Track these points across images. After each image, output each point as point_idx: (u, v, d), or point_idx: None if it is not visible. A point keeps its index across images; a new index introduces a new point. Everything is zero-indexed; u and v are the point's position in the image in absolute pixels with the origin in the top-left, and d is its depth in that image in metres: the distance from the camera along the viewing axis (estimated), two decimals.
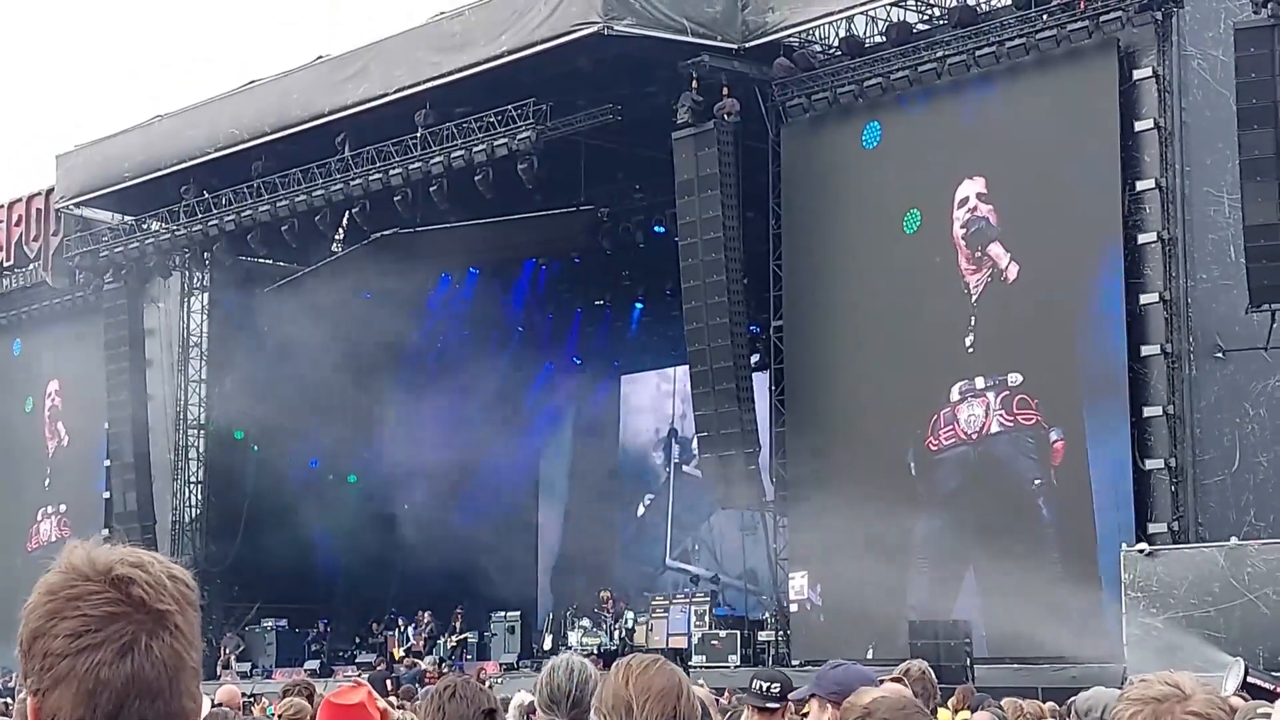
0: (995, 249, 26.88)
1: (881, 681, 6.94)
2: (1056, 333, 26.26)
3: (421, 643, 35.36)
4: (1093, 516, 25.33)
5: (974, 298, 27.11)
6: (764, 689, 7.06)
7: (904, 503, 26.67)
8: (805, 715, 6.68)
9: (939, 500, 27.04)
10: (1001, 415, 26.55)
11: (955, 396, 27.10)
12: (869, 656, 24.15)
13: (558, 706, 5.49)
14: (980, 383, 26.91)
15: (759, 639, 29.81)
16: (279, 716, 9.16)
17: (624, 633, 32.50)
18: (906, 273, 28.02)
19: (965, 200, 27.29)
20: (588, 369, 40.82)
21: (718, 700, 15.26)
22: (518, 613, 34.23)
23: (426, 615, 35.69)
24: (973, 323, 27.03)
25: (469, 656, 33.62)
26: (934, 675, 7.61)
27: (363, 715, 5.54)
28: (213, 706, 9.78)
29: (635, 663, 4.37)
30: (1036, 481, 26.12)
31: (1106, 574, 24.04)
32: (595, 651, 31.41)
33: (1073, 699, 7.57)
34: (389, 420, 38.09)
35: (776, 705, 7.01)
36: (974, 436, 26.82)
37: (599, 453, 41.72)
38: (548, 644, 33.03)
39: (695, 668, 27.67)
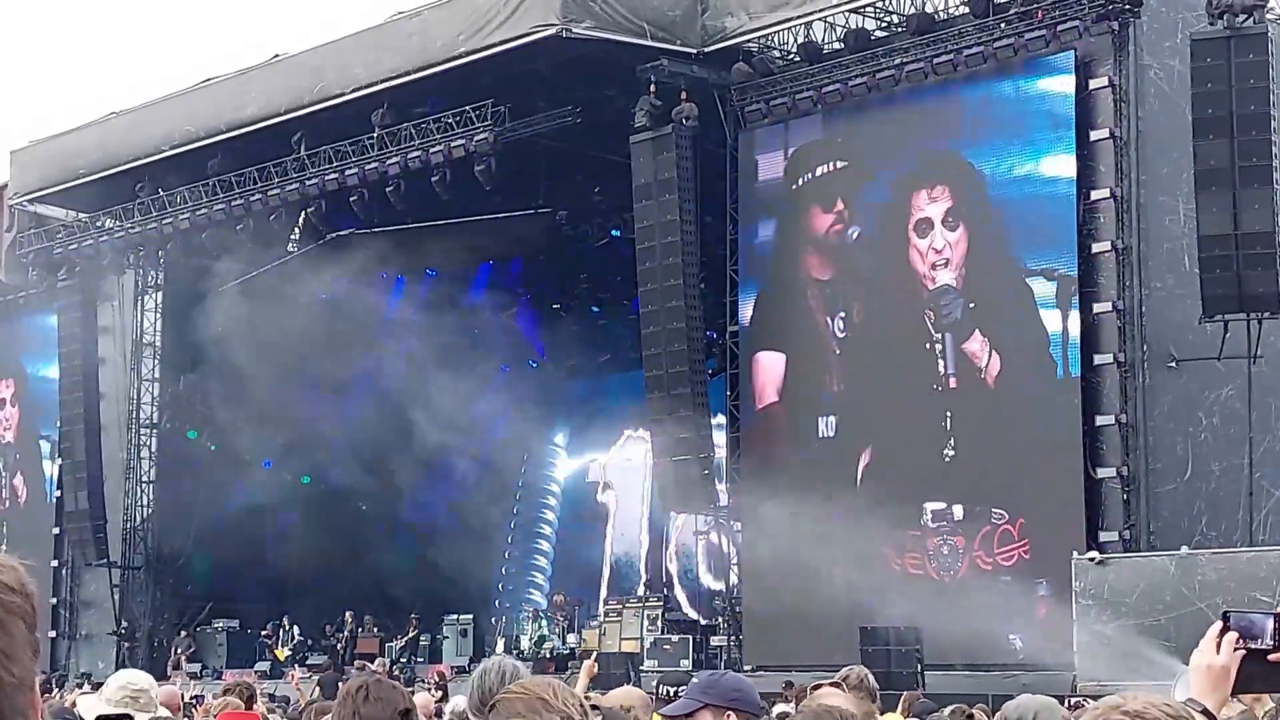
0: (973, 344, 26.71)
1: (820, 687, 6.89)
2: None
3: (342, 643, 35.16)
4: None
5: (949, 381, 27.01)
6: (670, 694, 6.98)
7: (860, 509, 26.60)
8: None
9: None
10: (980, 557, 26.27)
11: (929, 522, 26.86)
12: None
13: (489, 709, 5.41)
14: (959, 512, 26.58)
15: (711, 644, 29.78)
16: (210, 715, 9.08)
17: (577, 637, 32.47)
18: (864, 284, 28.13)
19: (928, 224, 27.18)
20: (543, 371, 40.74)
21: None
22: (470, 615, 34.12)
23: (349, 615, 35.62)
24: (949, 421, 26.94)
25: (420, 659, 33.48)
26: (874, 681, 7.55)
27: None
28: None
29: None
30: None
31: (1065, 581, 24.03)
32: (548, 655, 31.40)
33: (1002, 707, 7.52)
34: (344, 421, 37.89)
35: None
36: (945, 580, 26.53)
37: (556, 458, 41.69)
38: (500, 647, 32.93)
39: (647, 671, 27.61)
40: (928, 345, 27.00)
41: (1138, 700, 3.06)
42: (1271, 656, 3.11)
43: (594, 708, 4.61)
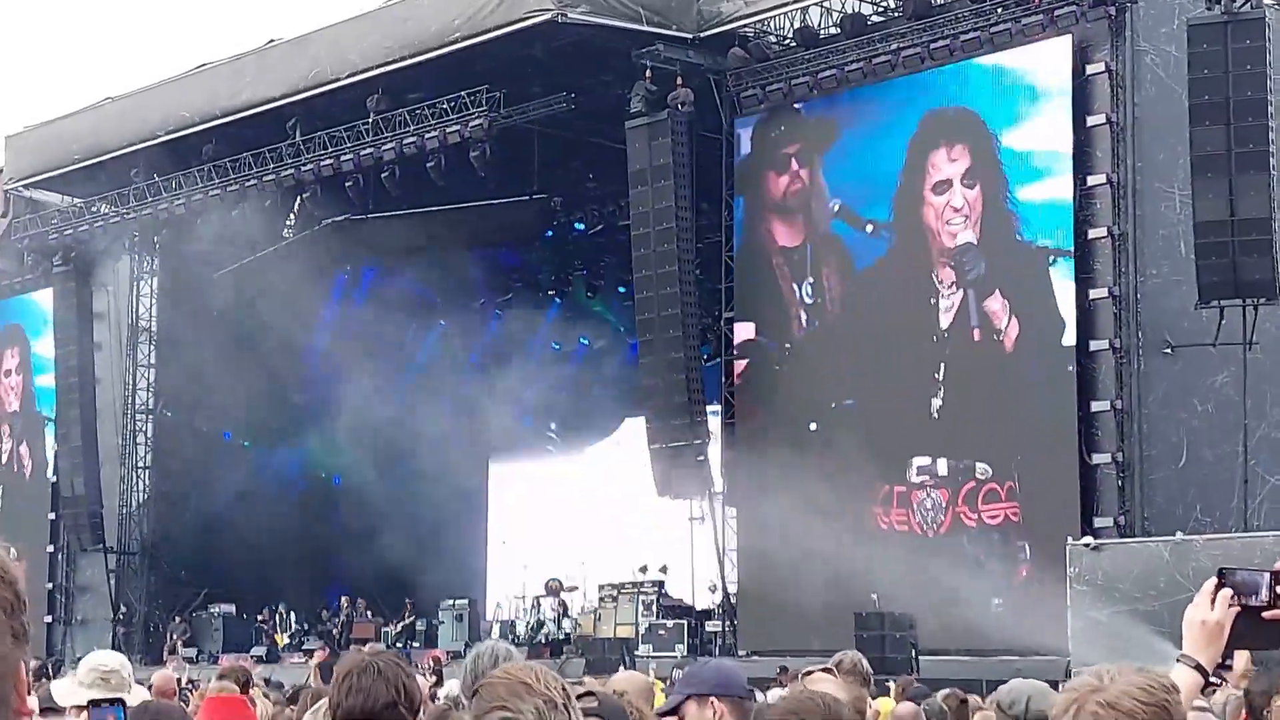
0: (994, 304, 26.64)
1: (811, 672, 6.88)
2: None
3: (338, 628, 35.13)
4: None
5: (945, 332, 26.97)
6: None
7: (856, 495, 26.58)
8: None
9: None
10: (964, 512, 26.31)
11: (913, 477, 26.92)
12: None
13: None
14: (942, 467, 26.64)
15: (706, 629, 29.78)
16: (201, 697, 9.10)
17: (572, 622, 32.46)
18: (868, 273, 28.10)
19: (946, 184, 27.06)
20: (538, 357, 40.65)
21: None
22: (465, 600, 34.10)
23: (345, 599, 35.61)
24: (941, 373, 26.83)
25: (416, 644, 33.47)
26: (867, 665, 7.54)
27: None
28: (149, 691, 9.66)
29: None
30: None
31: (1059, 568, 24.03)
32: (544, 641, 31.39)
33: (994, 692, 7.53)
34: (340, 407, 37.86)
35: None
36: (929, 535, 26.59)
37: (551, 444, 41.66)
38: (495, 632, 32.91)
39: (642, 657, 27.64)
40: (932, 300, 26.97)
41: (1115, 686, 3.03)
42: (1266, 614, 3.10)
43: (588, 693, 4.59)
